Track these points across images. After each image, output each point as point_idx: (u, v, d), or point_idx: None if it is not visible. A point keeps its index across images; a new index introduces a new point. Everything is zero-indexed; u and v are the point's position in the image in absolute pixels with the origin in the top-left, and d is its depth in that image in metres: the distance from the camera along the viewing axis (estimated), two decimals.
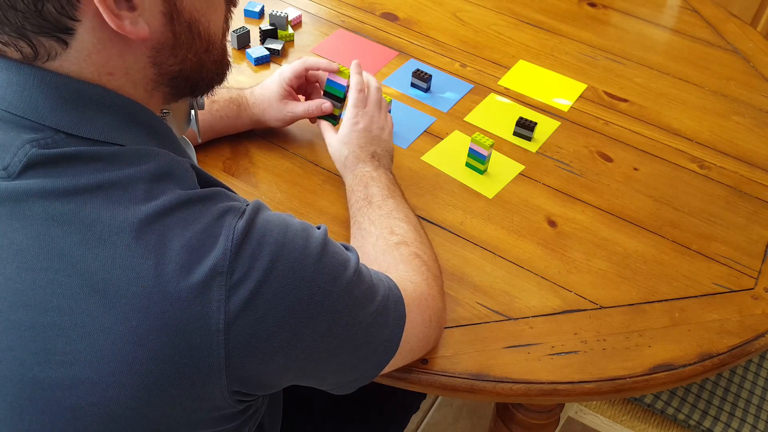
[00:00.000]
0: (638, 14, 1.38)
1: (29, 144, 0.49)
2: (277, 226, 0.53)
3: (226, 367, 0.51)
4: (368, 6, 1.34)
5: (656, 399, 1.07)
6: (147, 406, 0.50)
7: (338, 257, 0.57)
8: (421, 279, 0.73)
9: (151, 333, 0.48)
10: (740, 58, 1.28)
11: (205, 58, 0.58)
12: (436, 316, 0.73)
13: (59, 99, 0.50)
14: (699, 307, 0.85)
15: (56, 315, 0.48)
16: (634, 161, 1.04)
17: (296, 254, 0.53)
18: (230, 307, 0.49)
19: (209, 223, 0.50)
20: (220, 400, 0.53)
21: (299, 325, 0.53)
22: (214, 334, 0.49)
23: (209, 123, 0.97)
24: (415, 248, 0.77)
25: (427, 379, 0.76)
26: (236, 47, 1.20)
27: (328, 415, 0.97)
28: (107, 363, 0.48)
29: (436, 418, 1.59)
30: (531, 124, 1.06)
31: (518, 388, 0.76)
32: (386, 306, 0.62)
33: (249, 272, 0.50)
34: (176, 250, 0.49)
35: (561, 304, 0.84)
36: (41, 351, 0.49)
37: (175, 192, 0.51)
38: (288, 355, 0.54)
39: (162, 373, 0.49)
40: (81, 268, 0.48)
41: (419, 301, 0.69)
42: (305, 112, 0.99)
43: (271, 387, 0.58)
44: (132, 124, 0.54)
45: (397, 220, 0.81)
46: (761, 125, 1.13)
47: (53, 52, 0.50)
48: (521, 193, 0.98)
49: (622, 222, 0.95)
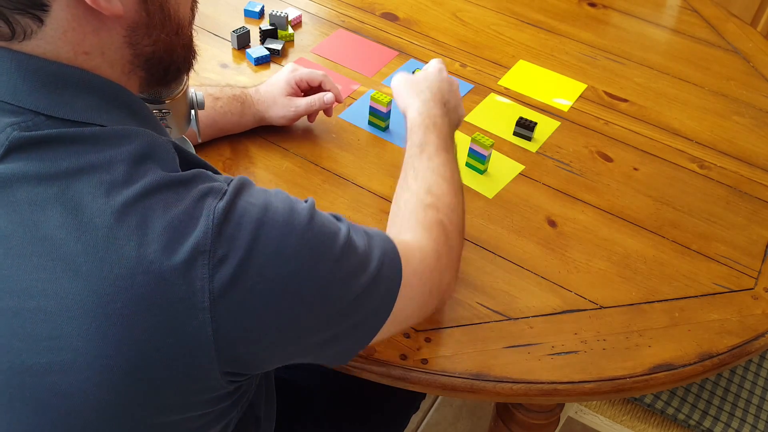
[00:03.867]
0: (638, 14, 1.38)
1: (10, 127, 0.50)
2: (258, 203, 0.53)
3: (215, 346, 0.51)
4: (368, 6, 1.34)
5: (656, 399, 1.07)
6: (137, 389, 0.50)
7: (326, 229, 0.56)
8: (433, 250, 0.71)
9: (138, 314, 0.48)
10: (740, 58, 1.28)
11: (176, 41, 0.59)
12: (438, 290, 0.71)
13: (38, 82, 0.50)
14: (699, 307, 0.85)
15: (42, 300, 0.48)
16: (634, 161, 1.04)
17: (278, 231, 0.52)
18: (214, 286, 0.49)
19: (190, 204, 0.51)
20: (211, 380, 0.53)
21: (286, 301, 0.53)
22: (199, 312, 0.49)
23: (213, 119, 0.97)
24: (443, 215, 0.75)
25: (427, 379, 0.76)
26: (236, 47, 1.20)
27: (327, 415, 0.97)
28: (95, 347, 0.48)
29: (436, 418, 1.59)
30: (531, 124, 1.06)
31: (518, 388, 0.76)
32: (379, 275, 0.60)
33: (231, 251, 0.50)
34: (158, 231, 0.49)
35: (561, 304, 0.84)
36: (28, 337, 0.49)
37: (156, 174, 0.51)
38: (278, 331, 0.54)
39: (150, 354, 0.49)
40: (64, 252, 0.48)
41: (423, 272, 0.68)
42: (308, 105, 1.00)
43: (264, 364, 0.57)
44: (112, 105, 0.54)
45: (440, 178, 0.79)
46: (761, 125, 1.13)
47: (29, 30, 0.50)
48: (521, 193, 0.98)
49: (622, 222, 0.95)
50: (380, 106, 1.04)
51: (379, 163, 1.01)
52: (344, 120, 1.08)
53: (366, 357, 0.77)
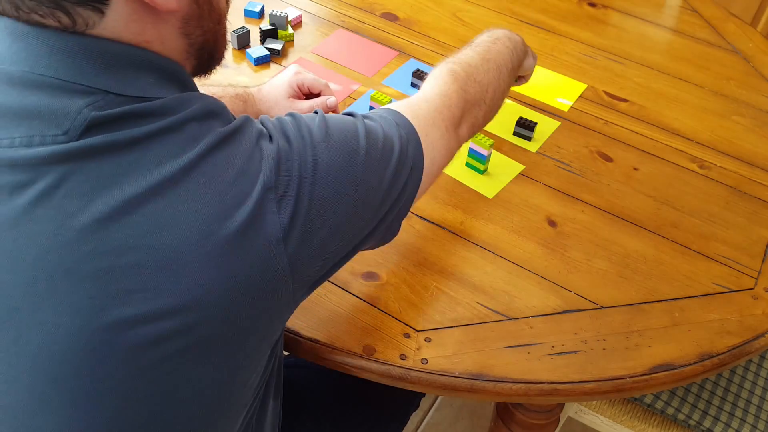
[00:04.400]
0: (638, 14, 1.38)
1: (87, 108, 0.51)
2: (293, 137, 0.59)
3: (291, 271, 0.56)
4: (368, 6, 1.34)
5: (656, 399, 1.07)
6: (228, 325, 0.54)
7: (345, 133, 0.62)
8: (438, 92, 0.76)
9: (224, 256, 0.52)
10: (740, 58, 1.28)
11: (218, 30, 0.63)
12: (453, 125, 0.75)
13: (103, 63, 0.53)
14: (699, 307, 0.85)
15: (132, 255, 0.50)
16: (634, 161, 1.05)
17: (310, 154, 0.58)
18: (282, 217, 0.55)
19: (251, 149, 0.56)
20: (286, 308, 0.59)
21: (340, 208, 0.59)
22: (274, 244, 0.54)
23: None
24: (457, 66, 0.80)
25: (427, 379, 0.76)
26: (236, 47, 1.20)
27: (327, 414, 0.97)
28: (188, 290, 0.51)
29: (436, 418, 1.59)
30: (531, 124, 1.06)
31: (518, 388, 0.76)
32: (402, 148, 0.66)
33: (289, 183, 0.56)
34: (232, 177, 0.54)
35: (561, 304, 0.84)
36: (121, 292, 0.50)
37: (214, 131, 0.56)
38: (340, 235, 0.60)
39: (240, 289, 0.53)
40: (150, 209, 0.51)
41: (433, 119, 0.73)
42: (310, 109, 1.00)
43: (326, 274, 0.63)
44: (170, 81, 0.57)
45: (471, 50, 0.85)
46: (761, 125, 1.13)
47: (90, 22, 0.52)
48: (521, 193, 0.98)
49: (622, 222, 0.95)
50: (380, 106, 1.04)
51: None
52: None
53: (366, 357, 0.77)
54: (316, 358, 0.79)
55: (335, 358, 0.78)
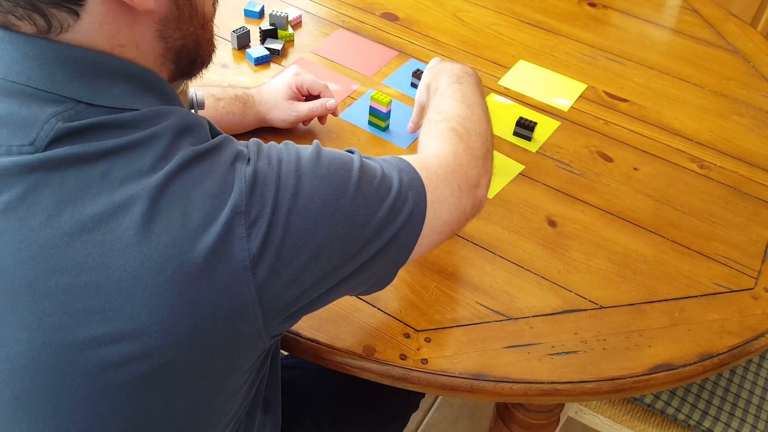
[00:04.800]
0: (638, 14, 1.38)
1: (54, 118, 0.51)
2: (274, 160, 0.56)
3: (259, 300, 0.53)
4: (368, 6, 1.34)
5: (656, 399, 1.07)
6: (190, 353, 0.52)
7: (337, 162, 0.59)
8: (448, 152, 0.73)
9: (186, 280, 0.50)
10: (740, 58, 1.28)
11: (201, 35, 0.61)
12: (467, 184, 0.72)
13: (76, 70, 0.52)
14: (699, 307, 0.85)
15: (93, 275, 0.49)
16: (634, 161, 1.05)
17: (293, 179, 0.56)
18: (252, 244, 0.52)
19: (223, 171, 0.54)
20: (256, 336, 0.56)
21: (318, 240, 0.56)
22: (241, 271, 0.52)
23: (215, 120, 0.97)
24: (454, 122, 0.77)
25: (427, 379, 0.76)
26: (236, 47, 1.20)
27: (327, 415, 0.97)
28: (148, 314, 0.50)
29: (436, 418, 1.59)
30: (531, 124, 1.06)
31: (518, 388, 0.76)
32: (401, 190, 0.63)
33: (262, 208, 0.53)
34: (199, 198, 0.52)
35: (561, 304, 0.84)
36: (80, 312, 0.50)
37: (188, 148, 0.54)
38: (315, 271, 0.56)
39: (201, 317, 0.51)
40: (112, 226, 0.50)
41: (444, 174, 0.70)
42: (309, 111, 1.00)
43: (307, 307, 0.60)
44: (146, 91, 0.56)
45: (450, 99, 0.82)
46: (761, 125, 1.13)
47: (65, 24, 0.51)
48: (521, 193, 0.98)
49: (622, 222, 0.95)
50: (380, 106, 1.04)
51: None
52: (344, 120, 1.08)
53: (366, 357, 0.77)
54: (316, 359, 0.79)
55: (335, 358, 0.78)
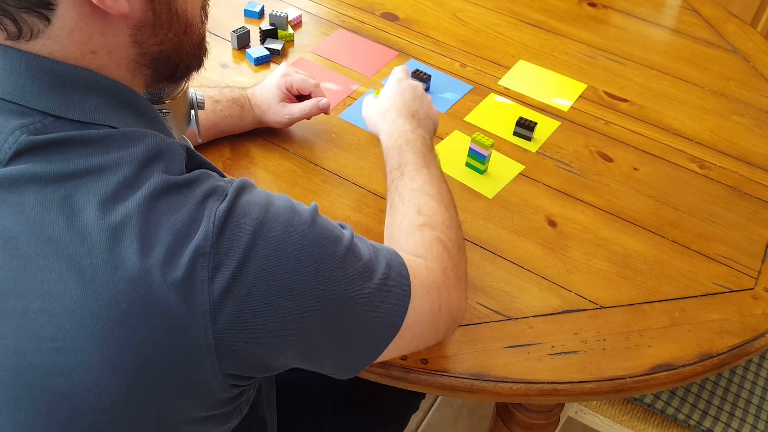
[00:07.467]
0: (638, 14, 1.38)
1: (19, 130, 0.49)
2: (259, 205, 0.53)
3: (216, 348, 0.51)
4: (368, 6, 1.34)
5: (656, 399, 1.07)
6: (140, 391, 0.50)
7: (327, 232, 0.56)
8: (439, 266, 0.69)
9: (140, 316, 0.48)
10: (740, 58, 1.28)
11: (184, 40, 0.58)
12: (447, 307, 0.68)
13: (46, 82, 0.50)
14: (699, 307, 0.85)
15: (47, 301, 0.48)
16: (634, 161, 1.04)
17: (277, 232, 0.52)
18: (214, 288, 0.49)
19: (193, 207, 0.51)
20: (212, 383, 0.53)
21: (285, 303, 0.52)
22: (200, 315, 0.49)
23: (213, 122, 0.97)
24: (440, 232, 0.73)
25: (427, 379, 0.76)
26: (236, 47, 1.20)
27: (327, 415, 0.97)
28: (98, 348, 0.48)
29: (436, 418, 1.59)
30: (531, 124, 1.06)
31: (518, 388, 0.76)
32: (386, 284, 0.60)
33: (230, 252, 0.50)
34: (161, 235, 0.49)
35: (561, 304, 0.84)
36: (33, 338, 0.49)
37: (161, 176, 0.51)
38: (278, 334, 0.53)
39: (153, 356, 0.49)
40: (69, 254, 0.48)
41: (430, 288, 0.66)
42: (301, 112, 0.99)
43: (267, 368, 0.57)
44: (120, 106, 0.54)
45: (427, 197, 0.76)
46: (761, 125, 1.13)
47: (36, 29, 0.50)
48: (521, 193, 0.98)
49: (622, 222, 0.95)
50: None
51: (379, 163, 1.01)
52: (344, 120, 1.08)
53: None
54: None
55: None
